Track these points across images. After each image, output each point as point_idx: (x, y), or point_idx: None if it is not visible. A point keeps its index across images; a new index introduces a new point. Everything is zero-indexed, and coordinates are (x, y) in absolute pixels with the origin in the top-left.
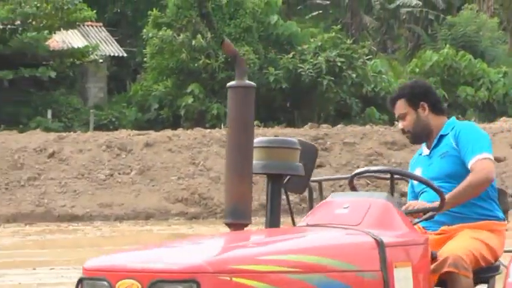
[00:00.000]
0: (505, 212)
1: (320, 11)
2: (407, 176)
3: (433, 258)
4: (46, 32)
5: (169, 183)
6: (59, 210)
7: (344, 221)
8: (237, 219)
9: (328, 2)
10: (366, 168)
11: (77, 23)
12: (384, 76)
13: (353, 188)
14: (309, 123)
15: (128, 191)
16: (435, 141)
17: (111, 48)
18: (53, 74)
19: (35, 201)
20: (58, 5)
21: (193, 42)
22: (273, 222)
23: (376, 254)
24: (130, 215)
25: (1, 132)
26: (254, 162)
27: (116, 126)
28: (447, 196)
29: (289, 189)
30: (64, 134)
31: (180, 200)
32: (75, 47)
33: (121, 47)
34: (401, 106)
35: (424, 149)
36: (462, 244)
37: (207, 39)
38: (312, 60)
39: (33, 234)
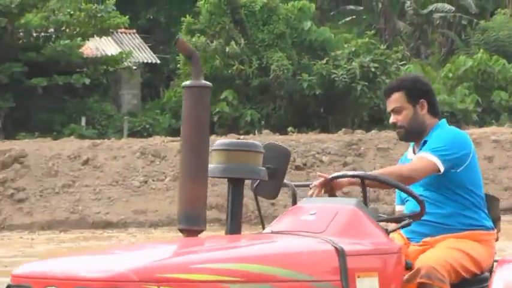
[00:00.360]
0: (496, 220)
1: (353, 17)
2: (384, 182)
3: (408, 268)
4: (79, 39)
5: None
6: (94, 217)
7: (309, 228)
8: (191, 225)
9: (361, 8)
10: (342, 173)
11: (110, 30)
12: None
13: (328, 193)
14: (343, 129)
15: (162, 197)
16: (420, 146)
17: (144, 55)
18: (87, 81)
19: (69, 209)
20: (91, 12)
21: (227, 48)
22: (233, 228)
23: (336, 263)
24: (164, 221)
25: (35, 140)
26: (214, 165)
27: (150, 133)
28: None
29: (259, 193)
30: (98, 141)
31: (214, 207)
32: (109, 54)
33: (154, 53)
34: (399, 99)
35: (410, 152)
36: (438, 254)
37: (240, 45)
38: (345, 65)
39: (67, 242)
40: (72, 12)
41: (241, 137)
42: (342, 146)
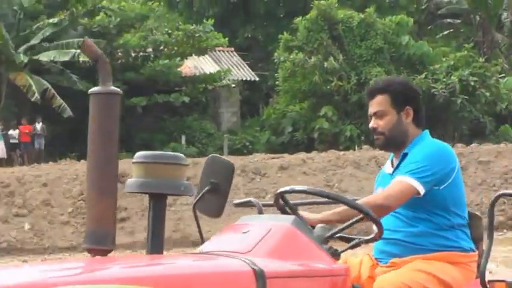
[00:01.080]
0: (477, 240)
1: (451, 30)
2: (329, 198)
3: None
4: (178, 59)
5: (304, 206)
6: (195, 236)
7: (236, 248)
8: (97, 245)
9: (459, 21)
10: (290, 187)
11: (208, 49)
12: None
13: (280, 209)
14: None
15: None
16: (399, 158)
17: (243, 72)
18: (186, 100)
19: (171, 227)
20: (189, 33)
21: (325, 64)
22: (154, 247)
23: (252, 286)
24: None
25: None
26: (133, 179)
27: (250, 151)
28: (333, 212)
29: (201, 211)
30: (198, 159)
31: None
32: (207, 72)
33: (252, 71)
34: (382, 102)
35: (388, 166)
36: (398, 277)
37: (338, 61)
38: (444, 79)
39: None
40: (170, 32)
41: (341, 153)
42: None
